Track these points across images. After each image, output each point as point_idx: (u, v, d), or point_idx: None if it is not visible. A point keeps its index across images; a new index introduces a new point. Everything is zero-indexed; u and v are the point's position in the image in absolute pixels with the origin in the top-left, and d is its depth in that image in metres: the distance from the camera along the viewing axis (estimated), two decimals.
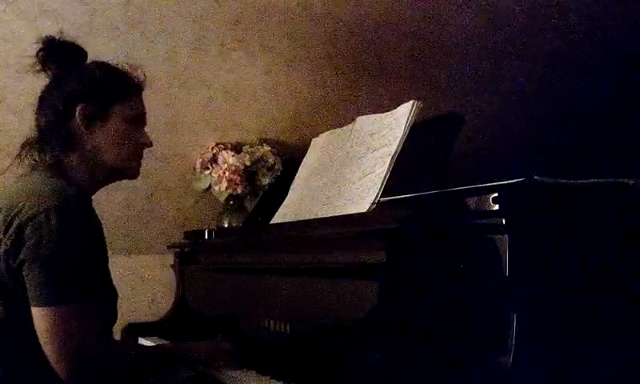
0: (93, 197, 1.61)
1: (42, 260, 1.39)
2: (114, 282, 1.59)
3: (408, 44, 2.54)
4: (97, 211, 1.53)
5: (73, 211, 1.44)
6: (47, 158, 1.57)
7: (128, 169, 1.65)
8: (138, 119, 1.66)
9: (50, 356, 1.40)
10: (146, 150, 1.69)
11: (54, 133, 1.57)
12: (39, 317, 1.40)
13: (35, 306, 1.40)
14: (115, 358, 1.51)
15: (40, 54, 1.60)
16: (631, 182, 1.34)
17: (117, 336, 2.11)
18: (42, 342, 1.40)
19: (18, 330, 1.42)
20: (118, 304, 1.59)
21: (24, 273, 1.40)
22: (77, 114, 1.56)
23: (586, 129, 2.62)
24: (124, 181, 1.69)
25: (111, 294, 1.56)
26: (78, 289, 1.41)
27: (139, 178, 2.08)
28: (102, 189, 1.68)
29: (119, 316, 1.62)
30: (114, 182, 1.68)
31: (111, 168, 1.62)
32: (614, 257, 1.31)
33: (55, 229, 1.39)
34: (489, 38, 2.53)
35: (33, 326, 1.41)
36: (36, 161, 1.58)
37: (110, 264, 1.57)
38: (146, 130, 1.70)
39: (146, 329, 2.18)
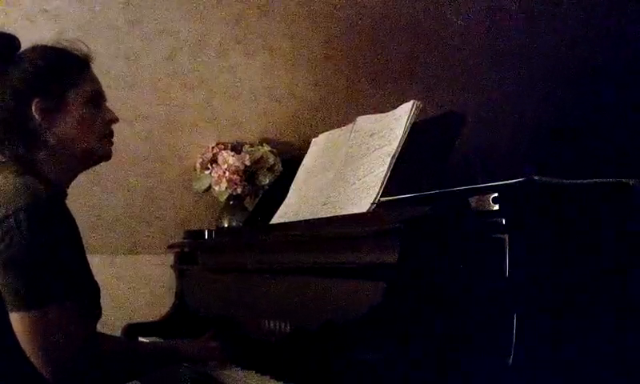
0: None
1: (15, 263, 1.34)
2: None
3: (407, 44, 2.54)
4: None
5: (43, 210, 1.38)
6: (14, 157, 1.50)
7: (100, 151, 1.59)
8: (97, 97, 1.58)
9: (34, 359, 1.36)
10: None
11: (13, 132, 1.51)
12: (18, 321, 1.35)
13: (13, 310, 1.36)
14: (101, 354, 1.46)
15: None
16: (631, 181, 1.34)
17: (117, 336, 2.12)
18: (23, 346, 1.36)
19: (1, 334, 1.38)
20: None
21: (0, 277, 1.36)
22: (33, 110, 1.49)
23: (587, 129, 2.62)
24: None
25: (92, 290, 1.51)
26: (55, 289, 1.36)
27: (139, 177, 2.08)
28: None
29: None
30: (89, 167, 1.61)
31: (82, 155, 1.55)
32: (613, 257, 1.31)
33: (26, 230, 1.34)
34: (489, 37, 2.53)
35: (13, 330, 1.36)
36: (2, 161, 1.51)
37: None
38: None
39: (145, 329, 2.18)
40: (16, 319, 1.36)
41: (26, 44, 1.57)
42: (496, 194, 1.24)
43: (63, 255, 1.40)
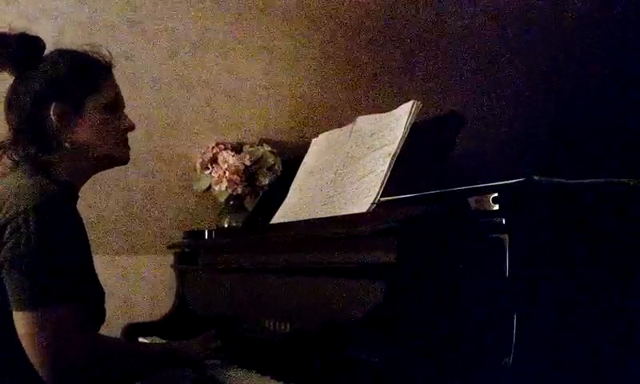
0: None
1: (21, 262, 1.34)
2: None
3: (407, 44, 2.55)
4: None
5: (52, 211, 1.38)
6: (27, 157, 1.51)
7: (116, 157, 1.60)
8: (115, 105, 1.59)
9: (34, 360, 1.35)
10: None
11: (29, 134, 1.51)
12: (20, 321, 1.35)
13: (16, 309, 1.35)
14: (102, 357, 1.45)
15: None
16: (631, 182, 1.34)
17: (117, 336, 2.12)
18: (24, 346, 1.35)
19: (2, 333, 1.38)
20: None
21: (4, 276, 1.36)
22: (51, 114, 1.50)
23: (587, 129, 2.62)
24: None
25: (97, 293, 1.52)
26: (60, 291, 1.36)
27: (139, 177, 2.08)
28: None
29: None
30: (104, 170, 1.63)
31: (98, 159, 1.57)
32: (614, 257, 1.31)
33: (34, 230, 1.34)
34: (489, 37, 2.54)
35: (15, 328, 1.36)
36: (16, 160, 1.52)
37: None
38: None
39: (146, 329, 2.18)
40: (19, 318, 1.36)
41: None
42: (496, 194, 1.24)
43: (69, 257, 1.39)
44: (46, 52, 1.57)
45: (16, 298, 1.35)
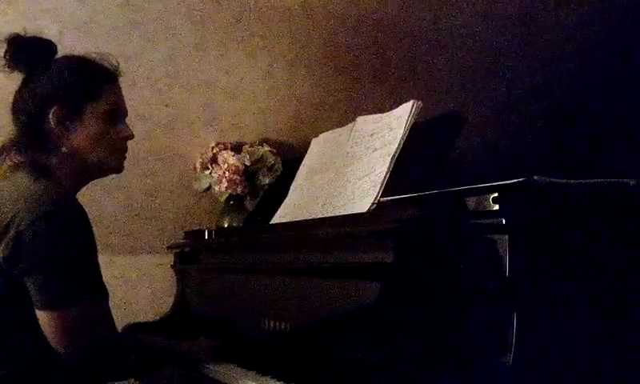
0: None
1: (44, 265, 1.39)
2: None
3: (407, 44, 2.54)
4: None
5: (69, 214, 1.44)
6: (28, 159, 1.54)
7: (111, 165, 1.63)
8: (116, 113, 1.62)
9: (61, 352, 1.43)
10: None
11: (30, 135, 1.55)
12: (47, 319, 1.42)
13: (41, 309, 1.41)
14: (117, 348, 1.55)
15: (7, 54, 1.55)
16: (631, 182, 1.34)
17: None
18: (50, 341, 1.42)
19: (7, 330, 1.44)
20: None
21: (27, 279, 1.41)
22: (50, 116, 1.53)
23: (587, 128, 2.62)
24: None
25: (106, 291, 1.56)
26: (84, 288, 1.44)
27: (139, 177, 2.08)
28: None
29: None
30: (99, 178, 1.66)
31: (93, 166, 1.60)
32: (613, 257, 1.31)
33: (54, 234, 1.40)
34: (489, 38, 2.54)
35: (26, 325, 1.42)
36: (17, 162, 1.55)
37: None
38: (129, 122, 1.66)
39: (145, 329, 2.18)
40: (44, 317, 1.42)
41: None
42: (496, 194, 1.24)
43: (86, 257, 1.46)
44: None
45: (41, 299, 1.41)
